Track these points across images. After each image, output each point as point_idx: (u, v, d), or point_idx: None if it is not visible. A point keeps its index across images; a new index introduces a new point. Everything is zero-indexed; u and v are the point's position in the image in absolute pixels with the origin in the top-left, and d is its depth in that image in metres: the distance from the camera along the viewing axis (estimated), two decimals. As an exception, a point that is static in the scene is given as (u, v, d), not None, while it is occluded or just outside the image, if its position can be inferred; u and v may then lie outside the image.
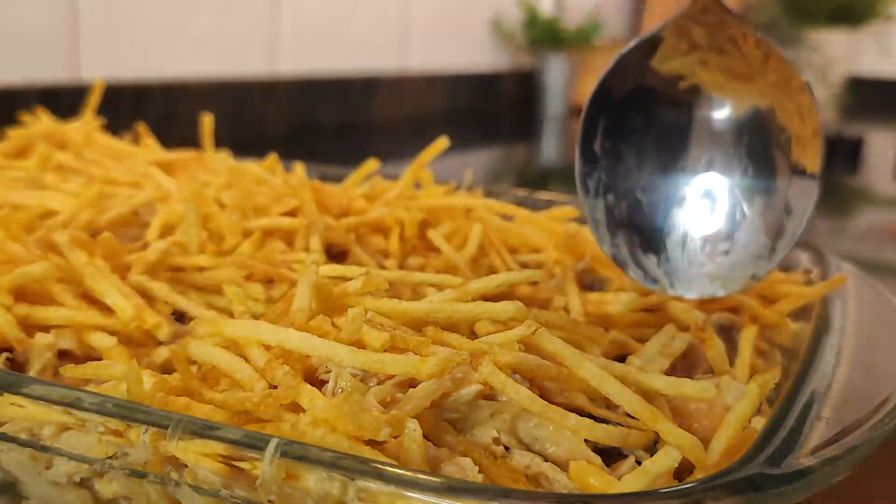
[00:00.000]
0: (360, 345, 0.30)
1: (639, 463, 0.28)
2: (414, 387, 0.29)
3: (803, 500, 0.24)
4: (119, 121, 0.68)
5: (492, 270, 0.46)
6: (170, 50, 1.14)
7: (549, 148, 1.71)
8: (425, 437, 0.27)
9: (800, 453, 0.25)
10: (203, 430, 0.25)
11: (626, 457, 0.30)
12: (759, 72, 0.36)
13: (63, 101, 0.94)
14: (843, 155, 1.49)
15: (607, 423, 0.29)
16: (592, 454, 0.29)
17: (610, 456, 0.29)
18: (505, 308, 0.33)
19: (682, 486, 0.24)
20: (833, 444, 0.26)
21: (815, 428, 0.27)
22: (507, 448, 0.29)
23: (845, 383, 0.32)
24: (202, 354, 0.30)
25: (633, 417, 0.28)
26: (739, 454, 0.26)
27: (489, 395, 0.30)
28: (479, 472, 0.27)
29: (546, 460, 0.28)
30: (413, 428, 0.26)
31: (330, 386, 0.29)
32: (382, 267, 0.45)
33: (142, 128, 0.65)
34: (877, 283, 0.44)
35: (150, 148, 0.64)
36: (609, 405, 0.30)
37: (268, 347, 0.30)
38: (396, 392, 0.29)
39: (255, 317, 0.38)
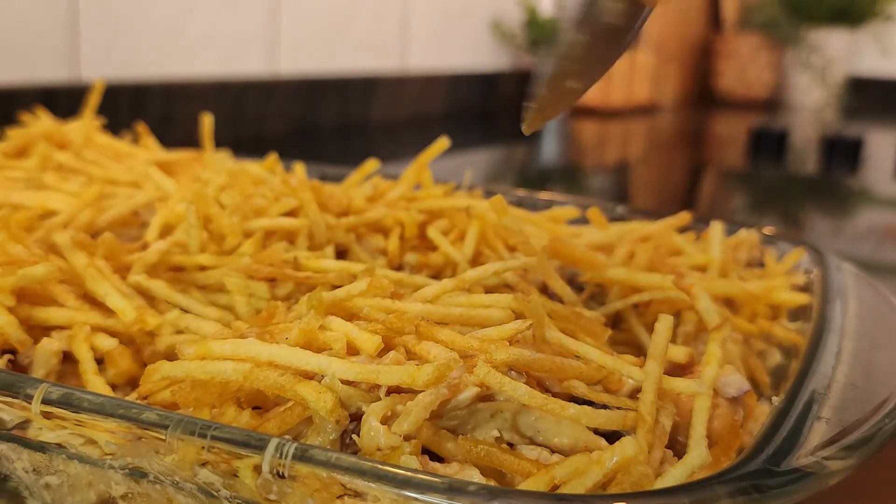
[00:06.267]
0: (353, 349, 0.30)
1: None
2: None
3: (803, 500, 0.24)
4: (119, 121, 0.68)
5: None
6: (170, 50, 1.14)
7: (549, 148, 1.71)
8: (425, 448, 0.27)
9: (800, 453, 0.25)
10: (203, 430, 0.25)
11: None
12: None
13: (63, 101, 0.94)
14: (843, 155, 1.49)
15: (607, 409, 0.29)
16: (596, 438, 0.29)
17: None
18: (504, 299, 0.33)
19: (681, 486, 0.24)
20: (833, 444, 0.26)
21: (815, 428, 0.27)
22: (511, 445, 0.29)
23: (845, 383, 0.31)
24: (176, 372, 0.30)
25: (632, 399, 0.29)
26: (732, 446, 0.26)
27: (486, 393, 0.30)
28: (480, 472, 0.27)
29: (553, 452, 0.28)
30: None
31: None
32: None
33: (142, 128, 0.65)
34: (877, 283, 0.44)
35: (150, 148, 0.64)
36: (607, 389, 0.31)
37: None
38: (396, 405, 0.28)
39: (257, 311, 0.38)
